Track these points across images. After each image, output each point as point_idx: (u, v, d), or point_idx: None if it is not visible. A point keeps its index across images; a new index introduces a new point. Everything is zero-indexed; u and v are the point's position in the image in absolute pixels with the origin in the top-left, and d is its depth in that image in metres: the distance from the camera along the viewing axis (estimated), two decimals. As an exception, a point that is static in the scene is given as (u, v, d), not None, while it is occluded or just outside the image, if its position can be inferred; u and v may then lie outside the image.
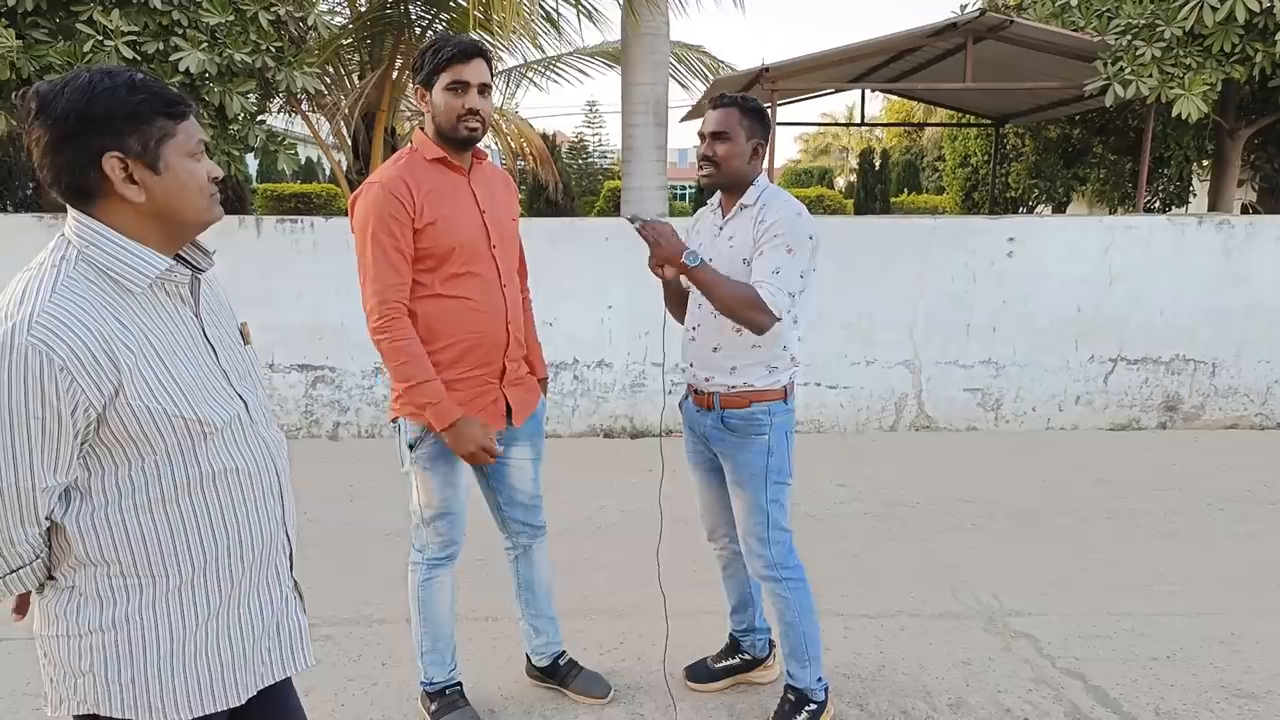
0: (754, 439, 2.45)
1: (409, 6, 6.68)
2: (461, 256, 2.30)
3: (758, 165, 2.45)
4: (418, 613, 2.53)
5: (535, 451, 2.62)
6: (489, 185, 2.43)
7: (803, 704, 2.56)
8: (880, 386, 5.89)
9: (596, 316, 5.61)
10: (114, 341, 1.24)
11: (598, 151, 27.37)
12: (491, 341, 2.38)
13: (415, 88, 2.31)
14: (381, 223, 2.21)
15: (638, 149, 7.22)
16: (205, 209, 1.35)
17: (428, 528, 2.47)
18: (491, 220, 2.38)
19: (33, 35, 4.92)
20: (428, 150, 2.32)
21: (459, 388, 2.35)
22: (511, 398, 2.46)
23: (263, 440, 1.45)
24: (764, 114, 2.44)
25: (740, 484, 2.50)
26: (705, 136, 2.42)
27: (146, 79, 1.28)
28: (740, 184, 2.44)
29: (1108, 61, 6.49)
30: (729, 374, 2.45)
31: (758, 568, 2.53)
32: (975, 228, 5.93)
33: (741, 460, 2.47)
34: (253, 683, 1.45)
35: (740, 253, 2.40)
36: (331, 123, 6.99)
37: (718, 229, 2.50)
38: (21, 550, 1.28)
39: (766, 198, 2.42)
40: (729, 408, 2.46)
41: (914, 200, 18.44)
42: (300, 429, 5.72)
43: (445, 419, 2.26)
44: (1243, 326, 5.86)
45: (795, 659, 2.56)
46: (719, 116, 2.39)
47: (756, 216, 2.39)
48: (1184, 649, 3.04)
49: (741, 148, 2.39)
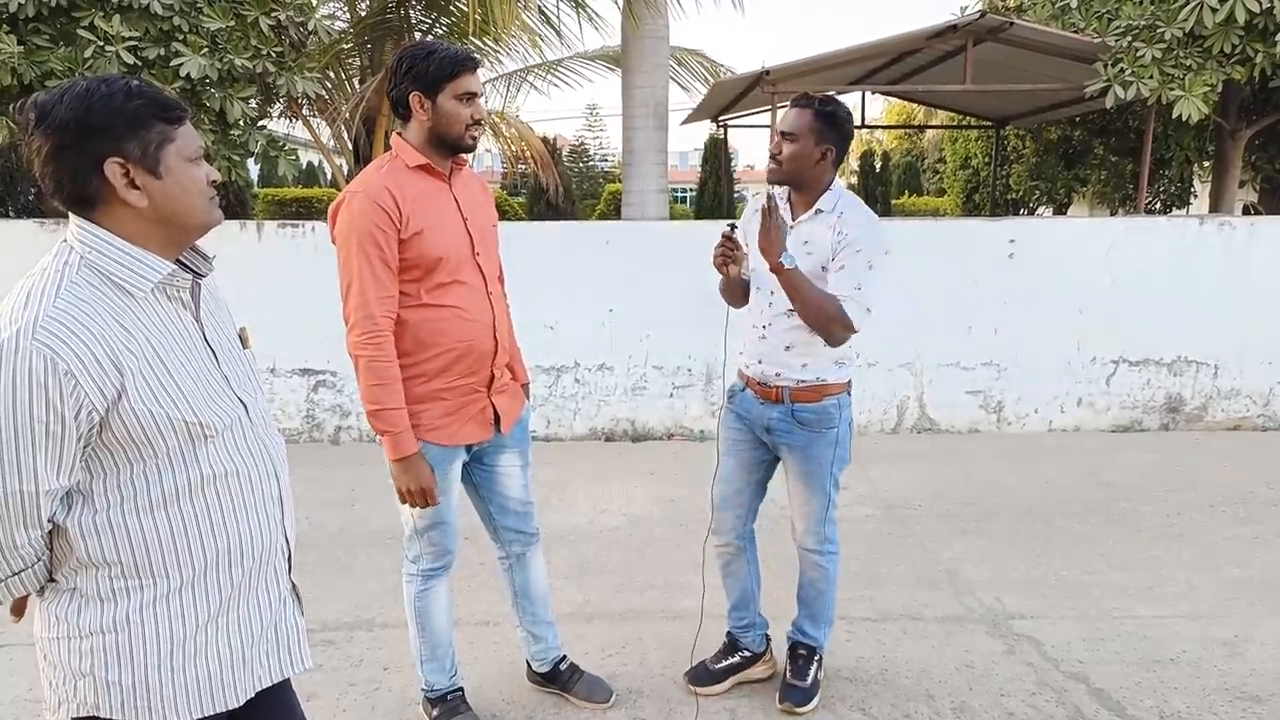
0: (825, 432, 2.55)
1: (409, 11, 6.69)
2: (448, 266, 2.25)
3: (827, 170, 2.47)
4: (415, 623, 2.52)
5: (523, 458, 2.59)
6: (469, 191, 2.38)
7: (813, 656, 2.75)
8: (882, 388, 5.88)
9: (598, 320, 5.60)
10: (117, 346, 1.25)
11: (599, 155, 27.41)
12: (480, 350, 2.33)
13: (412, 93, 2.21)
14: (367, 234, 2.14)
15: (638, 152, 7.23)
16: (206, 212, 1.37)
17: (421, 538, 2.44)
18: (474, 227, 2.34)
19: (34, 41, 4.92)
20: (410, 157, 2.25)
21: (447, 396, 2.31)
22: (499, 405, 2.42)
23: (262, 443, 1.46)
24: (839, 120, 2.44)
25: (809, 474, 2.59)
26: (778, 134, 2.48)
27: (143, 85, 1.30)
28: (804, 185, 2.48)
29: (1108, 63, 6.49)
30: (800, 369, 2.52)
31: (810, 543, 2.67)
32: (976, 229, 5.93)
33: (813, 453, 2.56)
34: (251, 684, 1.46)
35: (819, 259, 2.43)
36: (332, 127, 6.99)
37: (790, 228, 2.50)
38: (24, 553, 1.28)
39: (844, 205, 2.46)
40: (800, 401, 2.54)
41: (915, 202, 18.45)
42: (302, 433, 5.72)
43: (400, 451, 2.21)
44: (1245, 327, 5.85)
45: (813, 621, 2.75)
46: (792, 116, 2.44)
47: (836, 227, 2.42)
48: (1187, 652, 3.03)
49: (808, 150, 2.42)
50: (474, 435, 2.39)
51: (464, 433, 2.36)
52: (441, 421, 2.31)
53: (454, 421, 2.33)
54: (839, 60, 7.76)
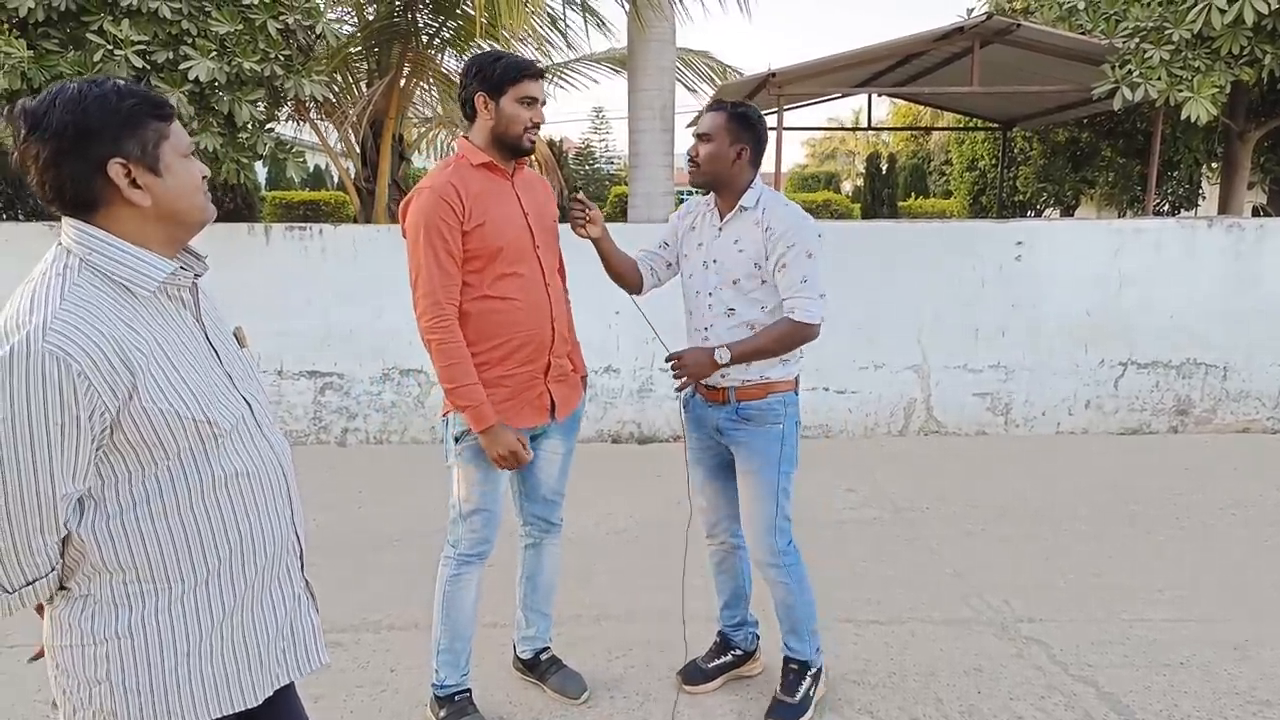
0: (770, 428, 2.54)
1: (416, 15, 6.71)
2: (508, 257, 2.38)
3: (745, 169, 2.51)
4: (440, 608, 2.57)
5: (568, 446, 2.71)
6: (531, 189, 2.53)
7: (805, 671, 2.68)
8: (889, 391, 5.87)
9: (604, 322, 5.61)
10: (126, 345, 1.25)
11: (605, 157, 27.44)
12: (538, 339, 2.46)
13: (478, 93, 2.35)
14: (432, 226, 2.28)
15: (645, 154, 7.23)
16: (203, 207, 1.38)
17: (464, 522, 2.52)
18: (535, 221, 2.47)
19: (43, 46, 4.95)
20: (474, 156, 2.40)
21: (506, 384, 2.42)
22: (556, 393, 2.54)
23: (268, 442, 1.46)
24: (751, 120, 2.50)
25: (754, 471, 2.57)
26: (694, 138, 2.55)
27: (129, 85, 1.30)
28: (724, 185, 2.53)
29: (1116, 64, 6.47)
30: (744, 368, 2.52)
31: (763, 555, 2.61)
32: (983, 231, 5.91)
33: (756, 448, 2.56)
34: (268, 683, 1.46)
35: (751, 257, 2.48)
36: (340, 130, 7.01)
37: (718, 230, 2.57)
38: (40, 560, 1.28)
39: (766, 201, 2.51)
40: (745, 399, 2.55)
41: (921, 204, 18.41)
42: (308, 435, 5.74)
43: (483, 422, 2.34)
44: (1254, 329, 5.82)
45: (796, 635, 2.68)
46: (707, 119, 2.53)
47: (761, 222, 2.47)
48: (1197, 655, 3.01)
49: (723, 150, 2.48)
50: (530, 420, 2.49)
51: (520, 417, 2.47)
52: (501, 407, 2.41)
53: (511, 407, 2.44)
54: (846, 62, 7.75)
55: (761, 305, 2.51)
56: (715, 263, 2.54)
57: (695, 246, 2.62)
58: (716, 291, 2.53)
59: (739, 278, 2.49)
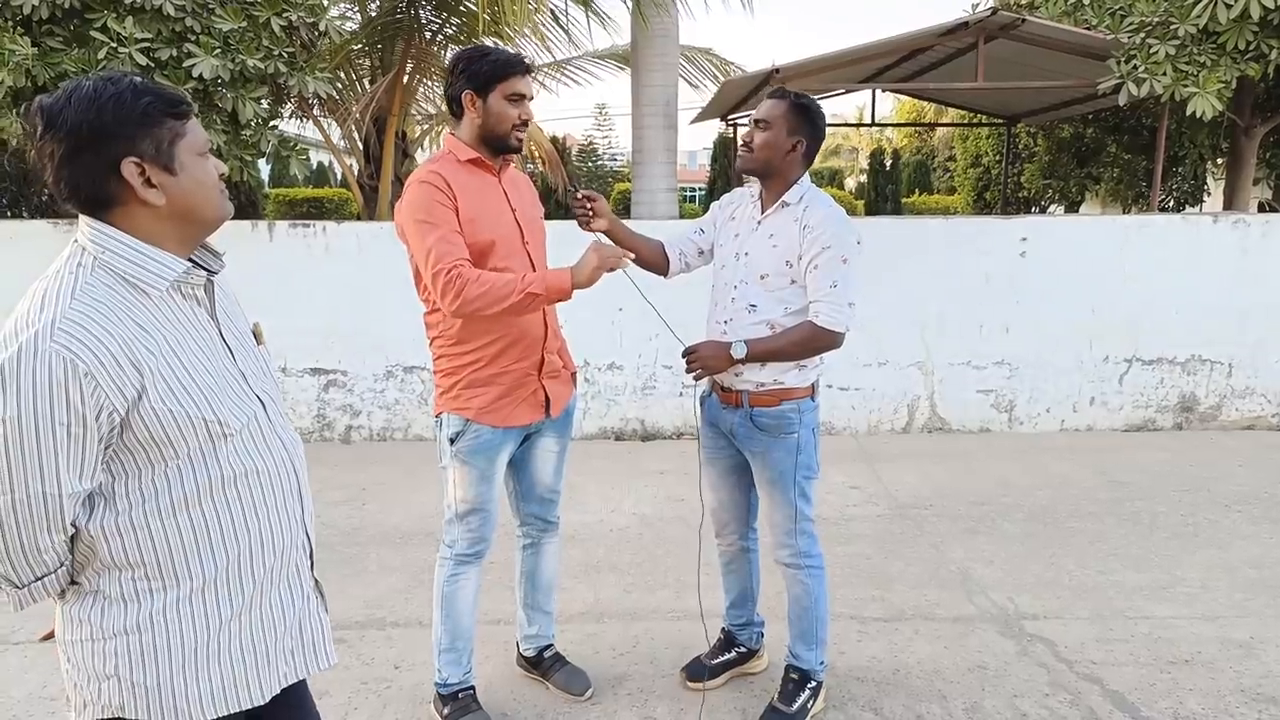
0: (784, 438, 2.48)
1: (419, 11, 6.70)
2: (499, 252, 2.36)
3: (797, 163, 2.45)
4: (440, 608, 2.56)
5: (562, 444, 2.69)
6: (517, 187, 2.52)
7: (805, 683, 2.63)
8: (892, 388, 5.86)
9: (607, 319, 5.60)
10: (135, 346, 1.25)
11: (608, 154, 27.41)
12: (531, 336, 2.45)
13: (465, 91, 2.32)
14: (429, 208, 2.25)
15: (648, 151, 7.23)
16: (220, 205, 1.37)
17: (460, 523, 2.51)
18: (523, 217, 2.46)
19: (47, 43, 4.96)
20: (461, 152, 2.38)
21: (502, 381, 2.42)
22: (550, 390, 2.53)
23: (280, 440, 1.46)
24: (812, 114, 2.44)
25: (770, 482, 2.53)
26: (752, 123, 2.47)
27: (146, 82, 1.29)
28: (772, 176, 2.46)
29: (1121, 60, 6.44)
30: (759, 371, 2.47)
31: (784, 556, 2.58)
32: (988, 228, 5.90)
33: (772, 459, 2.50)
34: (276, 681, 1.46)
35: (784, 254, 2.41)
36: (343, 127, 7.01)
37: (756, 223, 2.51)
38: (47, 558, 1.28)
39: (810, 199, 2.44)
40: (759, 406, 2.48)
41: (925, 200, 18.37)
42: (312, 432, 5.75)
43: (564, 280, 2.22)
44: (1259, 326, 5.80)
45: (804, 641, 2.63)
46: (766, 105, 2.45)
47: (801, 220, 2.40)
48: (1202, 652, 3.01)
49: (779, 140, 2.41)
50: (526, 417, 2.48)
51: (516, 414, 2.46)
52: (496, 405, 2.42)
53: (508, 404, 2.44)
54: (850, 58, 7.73)
55: (786, 305, 2.43)
56: (747, 255, 2.48)
57: (731, 237, 2.57)
58: (742, 285, 2.47)
59: (767, 273, 2.43)
